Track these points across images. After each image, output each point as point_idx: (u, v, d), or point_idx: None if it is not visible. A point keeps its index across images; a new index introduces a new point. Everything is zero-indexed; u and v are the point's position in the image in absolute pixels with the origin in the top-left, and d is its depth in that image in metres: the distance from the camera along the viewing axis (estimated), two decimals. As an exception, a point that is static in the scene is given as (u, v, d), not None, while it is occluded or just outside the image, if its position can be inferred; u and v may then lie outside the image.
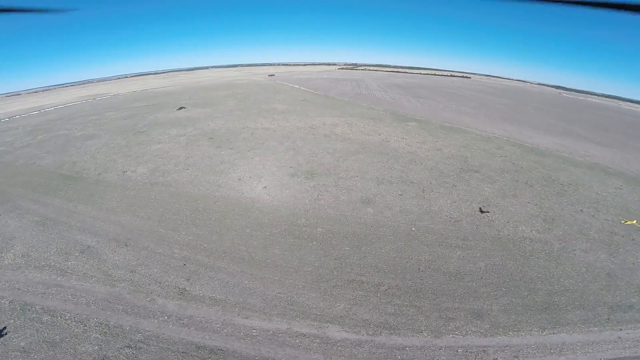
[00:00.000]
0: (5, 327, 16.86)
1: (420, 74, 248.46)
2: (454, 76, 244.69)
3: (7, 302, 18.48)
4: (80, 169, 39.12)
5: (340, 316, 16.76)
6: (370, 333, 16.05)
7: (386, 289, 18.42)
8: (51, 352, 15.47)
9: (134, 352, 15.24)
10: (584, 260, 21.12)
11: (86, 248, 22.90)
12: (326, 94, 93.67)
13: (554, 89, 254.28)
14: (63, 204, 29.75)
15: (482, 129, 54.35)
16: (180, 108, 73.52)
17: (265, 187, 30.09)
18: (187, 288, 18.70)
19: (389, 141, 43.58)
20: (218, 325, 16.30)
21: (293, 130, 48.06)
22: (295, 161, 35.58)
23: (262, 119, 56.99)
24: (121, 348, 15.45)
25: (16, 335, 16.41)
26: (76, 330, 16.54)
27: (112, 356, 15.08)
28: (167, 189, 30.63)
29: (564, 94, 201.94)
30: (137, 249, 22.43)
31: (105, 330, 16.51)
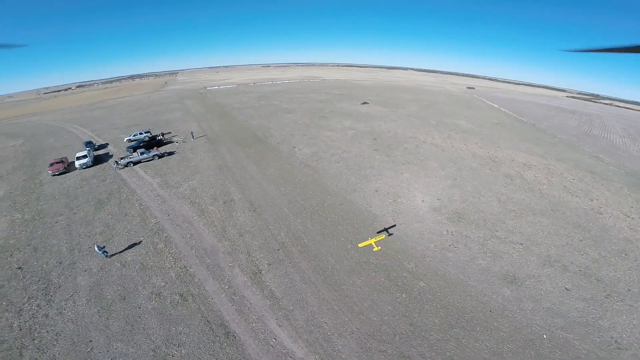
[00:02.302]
0: (144, 241, 22.25)
1: None
2: None
3: (154, 222, 24.56)
4: (269, 135, 47.70)
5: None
6: None
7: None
8: (135, 274, 19.43)
9: (179, 301, 17.42)
10: None
11: (229, 200, 27.45)
12: (534, 123, 74.59)
13: None
14: (241, 158, 37.11)
15: None
16: (364, 103, 77.24)
17: (396, 209, 26.59)
18: (263, 271, 19.45)
19: (602, 213, 29.27)
20: (254, 317, 16.37)
21: (466, 157, 40.53)
22: (448, 194, 29.63)
23: (435, 133, 51.42)
24: (174, 294, 17.89)
25: (132, 251, 21.51)
26: (166, 264, 20.19)
27: (163, 295, 17.79)
28: (313, 175, 32.39)
29: None
30: (259, 218, 24.79)
31: (181, 273, 19.48)
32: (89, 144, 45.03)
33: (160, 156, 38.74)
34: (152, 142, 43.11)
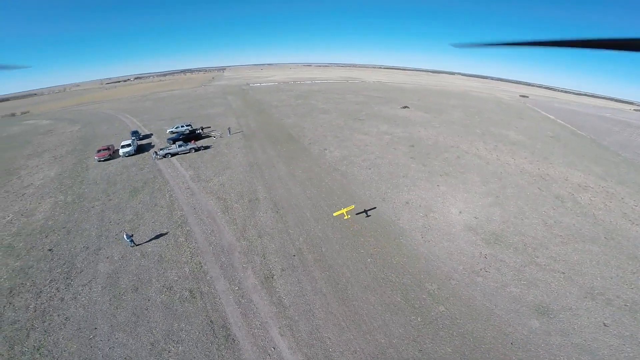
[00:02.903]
0: (167, 233, 22.62)
1: None
2: None
3: (179, 214, 24.92)
4: (302, 135, 47.23)
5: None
6: None
7: None
8: (152, 265, 19.75)
9: (187, 297, 17.40)
10: None
11: (254, 199, 27.29)
12: (594, 138, 66.37)
13: None
14: (272, 157, 36.96)
15: None
16: (404, 107, 74.16)
17: (426, 224, 24.49)
18: (275, 277, 18.89)
19: (678, 249, 24.83)
20: (257, 323, 15.91)
21: (513, 172, 36.74)
22: (488, 213, 26.78)
23: (480, 144, 47.48)
24: (184, 289, 17.92)
25: (154, 241, 21.92)
26: (183, 258, 20.37)
27: (174, 290, 17.92)
28: (341, 180, 31.12)
29: None
30: (280, 220, 24.20)
31: (195, 269, 19.51)
32: (134, 133, 47.78)
33: (197, 149, 39.86)
34: (191, 136, 44.58)
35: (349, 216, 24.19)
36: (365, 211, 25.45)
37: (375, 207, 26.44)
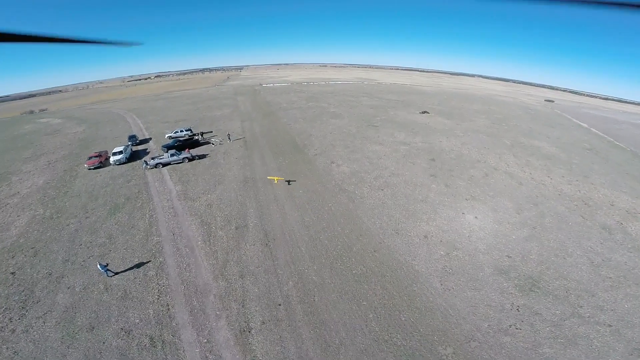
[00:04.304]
0: (138, 264, 19.84)
1: None
2: None
3: (156, 241, 21.84)
4: (308, 144, 43.29)
5: None
6: None
7: None
8: (114, 302, 17.16)
9: (147, 345, 14.97)
10: None
11: (243, 225, 23.69)
12: (636, 150, 58.71)
13: None
14: (272, 170, 33.18)
15: None
16: (423, 112, 69.11)
17: (447, 266, 20.09)
18: (253, 331, 15.50)
19: None
20: None
21: (551, 195, 31.47)
22: (523, 250, 22.05)
23: (510, 157, 42.11)
24: (144, 335, 15.50)
25: (122, 273, 19.25)
26: (149, 297, 17.47)
27: (133, 334, 15.48)
28: (347, 204, 26.87)
29: None
30: (269, 256, 20.49)
31: (161, 312, 16.67)
32: (132, 137, 45.35)
33: (191, 159, 36.66)
34: (187, 143, 41.47)
35: (278, 181, 30.16)
36: (288, 181, 30.43)
37: (295, 180, 30.83)
